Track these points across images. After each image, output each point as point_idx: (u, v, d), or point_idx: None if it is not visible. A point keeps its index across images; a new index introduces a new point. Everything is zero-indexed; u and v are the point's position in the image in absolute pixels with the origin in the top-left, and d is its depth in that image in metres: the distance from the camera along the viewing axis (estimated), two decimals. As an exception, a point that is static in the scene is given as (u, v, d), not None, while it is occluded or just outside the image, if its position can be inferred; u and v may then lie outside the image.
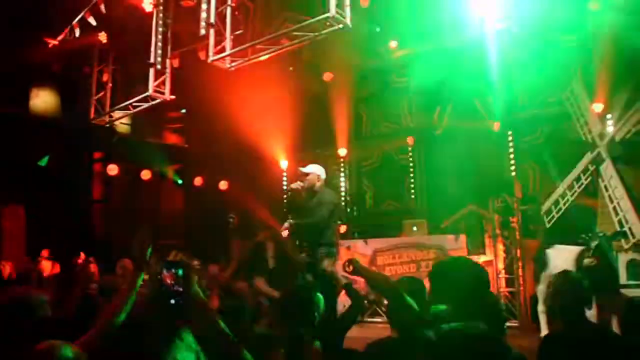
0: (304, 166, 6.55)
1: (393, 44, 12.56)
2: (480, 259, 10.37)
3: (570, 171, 9.68)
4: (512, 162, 11.37)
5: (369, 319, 10.10)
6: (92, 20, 10.48)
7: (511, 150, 11.39)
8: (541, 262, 8.06)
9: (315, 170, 6.29)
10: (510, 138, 11.46)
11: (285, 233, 6.23)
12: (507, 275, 10.12)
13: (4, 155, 11.13)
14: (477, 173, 11.70)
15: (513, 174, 11.37)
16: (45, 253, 10.34)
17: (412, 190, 13.04)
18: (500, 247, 10.29)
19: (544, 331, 7.87)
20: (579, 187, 9.27)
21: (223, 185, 13.80)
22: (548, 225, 9.33)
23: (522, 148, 11.41)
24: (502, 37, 11.45)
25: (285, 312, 3.37)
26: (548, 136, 11.19)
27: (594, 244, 7.15)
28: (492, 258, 10.30)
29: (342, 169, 14.02)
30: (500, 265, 10.18)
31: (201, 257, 11.45)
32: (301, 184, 6.27)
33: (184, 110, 14.15)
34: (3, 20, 10.93)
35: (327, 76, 12.84)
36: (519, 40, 11.00)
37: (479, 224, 10.50)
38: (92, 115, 11.30)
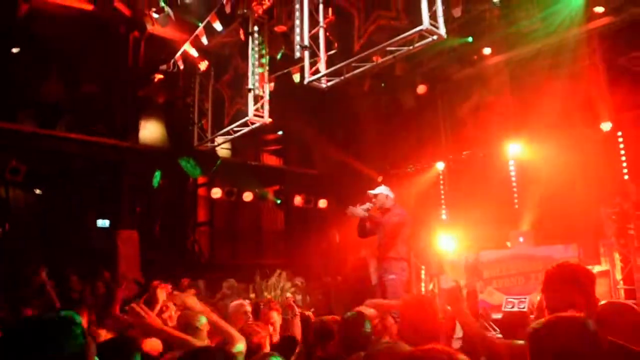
0: (372, 189, 7.09)
1: (487, 50, 12.34)
2: (595, 269, 9.81)
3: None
4: (625, 164, 10.76)
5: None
6: (193, 52, 11.04)
7: (622, 151, 10.79)
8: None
9: (383, 191, 6.82)
10: (620, 139, 10.87)
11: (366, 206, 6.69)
12: (626, 286, 9.46)
13: (118, 183, 11.92)
14: (587, 177, 11.15)
15: (626, 177, 10.74)
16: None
17: (516, 200, 12.59)
18: (617, 255, 9.66)
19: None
20: None
21: (323, 203, 13.96)
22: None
23: (635, 148, 10.75)
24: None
25: None
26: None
27: None
28: (608, 268, 9.69)
29: (441, 182, 13.83)
30: (619, 276, 9.55)
31: (302, 275, 11.72)
32: (371, 205, 6.76)
33: (280, 132, 14.51)
34: (112, 60, 11.81)
35: (420, 89, 12.74)
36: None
37: (592, 232, 9.90)
38: (195, 142, 11.84)
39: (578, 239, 10.13)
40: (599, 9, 10.78)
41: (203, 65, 11.44)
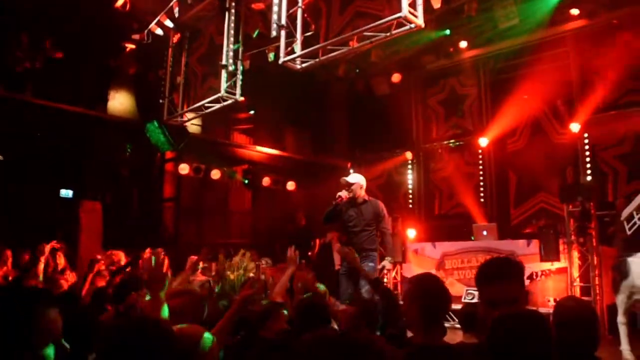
0: (347, 176, 7.01)
1: (463, 44, 12.41)
2: (554, 266, 10.03)
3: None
4: (589, 165, 11.00)
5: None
6: (168, 23, 10.81)
7: (587, 152, 11.04)
8: (622, 271, 7.68)
9: (359, 180, 6.76)
10: (586, 140, 11.10)
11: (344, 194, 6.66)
12: (582, 284, 9.69)
13: (83, 154, 11.66)
14: (552, 176, 11.42)
15: (589, 177, 10.98)
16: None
17: (482, 193, 12.77)
18: (576, 254, 9.87)
19: (625, 344, 7.50)
20: (664, 192, 8.73)
21: (291, 185, 13.92)
22: (629, 232, 8.84)
23: (602, 151, 11.02)
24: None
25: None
26: (629, 138, 10.73)
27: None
28: (566, 265, 9.91)
29: (409, 172, 13.93)
30: (576, 273, 9.77)
31: (268, 256, 11.70)
32: (346, 193, 6.67)
33: (252, 112, 14.37)
34: (84, 27, 11.46)
35: (395, 77, 12.75)
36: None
37: (553, 229, 10.09)
38: (165, 116, 11.64)
39: (540, 235, 10.30)
40: (575, 11, 10.93)
41: (176, 38, 11.22)
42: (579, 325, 2.82)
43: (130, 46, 11.42)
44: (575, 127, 11.13)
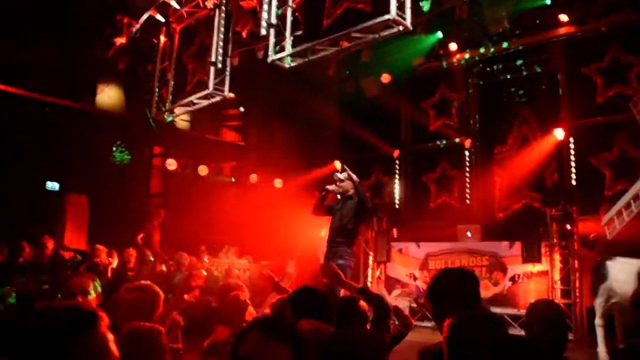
0: (340, 171, 6.92)
1: (453, 46, 12.52)
2: (536, 268, 10.15)
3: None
4: (574, 170, 11.14)
5: (418, 323, 10.01)
6: (160, 17, 10.79)
7: (572, 157, 11.18)
8: (600, 275, 7.80)
9: (352, 177, 6.67)
10: (572, 145, 11.24)
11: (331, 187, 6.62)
12: (562, 287, 9.82)
13: (70, 147, 11.62)
14: (537, 179, 11.55)
15: (574, 182, 11.12)
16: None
17: (468, 195, 12.87)
18: (557, 256, 10.00)
19: (601, 346, 7.62)
20: (645, 198, 8.84)
21: (278, 183, 13.95)
22: (610, 237, 8.98)
23: (586, 156, 11.15)
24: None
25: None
26: (614, 144, 10.87)
27: (658, 258, 6.88)
28: (548, 268, 10.03)
29: (396, 171, 14.02)
30: (557, 276, 9.89)
31: (251, 254, 11.72)
32: (337, 188, 6.61)
33: (242, 109, 14.37)
34: (72, 19, 11.43)
35: (384, 78, 12.81)
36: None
37: (536, 232, 10.21)
38: (153, 111, 11.63)
39: (523, 237, 10.42)
40: (564, 18, 11.05)
41: (166, 34, 11.22)
42: (549, 327, 2.89)
43: (120, 40, 11.40)
44: (560, 131, 11.26)
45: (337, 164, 12.78)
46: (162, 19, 10.99)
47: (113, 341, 1.62)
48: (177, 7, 10.70)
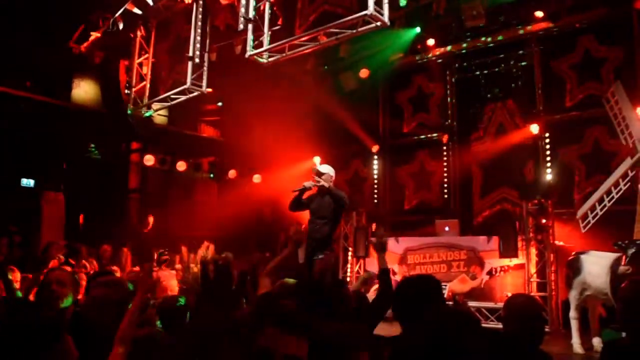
0: (318, 165, 6.92)
1: (430, 41, 12.60)
2: (512, 262, 10.28)
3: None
4: (549, 164, 11.30)
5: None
6: (137, 10, 10.65)
7: (548, 152, 11.33)
8: (574, 268, 7.94)
9: (330, 171, 6.65)
10: (547, 140, 11.39)
11: (309, 184, 6.61)
12: (538, 280, 9.96)
13: (46, 143, 11.45)
14: (513, 174, 11.70)
15: (549, 176, 11.28)
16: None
17: (446, 190, 12.98)
18: (533, 250, 10.14)
19: (575, 338, 7.76)
20: (617, 192, 9.00)
21: (257, 179, 13.91)
22: (583, 231, 9.13)
23: (561, 150, 11.32)
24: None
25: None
26: (588, 139, 11.04)
27: (630, 251, 7.01)
28: (524, 261, 10.17)
29: (375, 167, 14.07)
30: (533, 269, 10.03)
31: (231, 250, 11.66)
32: (312, 184, 6.60)
33: (220, 104, 14.29)
34: (47, 13, 11.23)
35: (363, 73, 12.84)
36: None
37: (512, 226, 10.34)
38: (131, 106, 11.52)
39: (499, 231, 10.55)
40: (539, 14, 11.17)
41: (144, 28, 11.10)
42: (526, 320, 2.94)
43: (95, 34, 11.24)
44: (535, 127, 11.40)
45: (317, 159, 12.77)
46: (139, 12, 10.85)
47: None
48: (151, 2, 10.56)
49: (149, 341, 3.28)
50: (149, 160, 12.53)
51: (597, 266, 7.48)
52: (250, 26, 8.89)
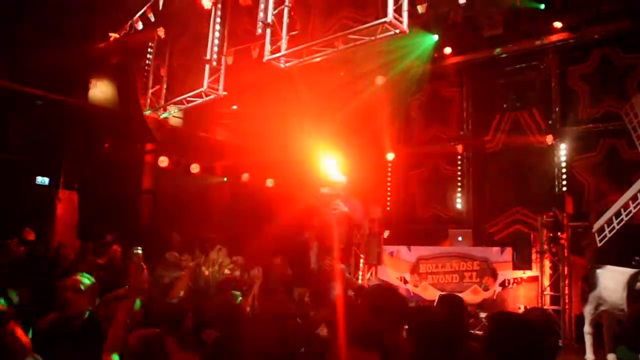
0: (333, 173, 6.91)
1: (447, 50, 12.52)
2: (526, 274, 10.18)
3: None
4: (564, 176, 11.17)
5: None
6: (151, 17, 10.73)
7: (564, 164, 11.20)
8: (590, 282, 7.84)
9: (344, 179, 6.63)
10: (563, 152, 11.26)
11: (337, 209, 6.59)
12: (552, 293, 9.85)
13: (61, 142, 11.52)
14: (528, 185, 11.57)
15: (565, 188, 11.15)
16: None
17: (459, 200, 12.88)
18: (547, 263, 10.04)
19: (589, 353, 7.66)
20: (635, 206, 8.87)
21: (270, 182, 13.90)
22: (599, 244, 9.02)
23: (577, 163, 11.19)
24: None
25: None
26: (605, 151, 10.91)
27: (648, 267, 6.92)
28: (537, 274, 10.06)
29: (389, 174, 13.99)
30: (546, 282, 9.93)
31: (242, 253, 11.65)
32: (332, 190, 6.60)
33: (235, 107, 14.30)
34: (65, 13, 11.32)
35: (379, 80, 12.79)
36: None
37: (527, 238, 10.25)
38: (147, 108, 11.57)
39: (514, 243, 10.45)
40: (558, 24, 11.07)
41: (161, 32, 11.13)
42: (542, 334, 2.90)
43: (114, 35, 11.31)
44: (551, 137, 11.29)
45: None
46: (153, 18, 10.89)
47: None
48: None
49: None
50: (163, 161, 12.57)
51: (613, 281, 7.38)
52: (268, 30, 8.89)
